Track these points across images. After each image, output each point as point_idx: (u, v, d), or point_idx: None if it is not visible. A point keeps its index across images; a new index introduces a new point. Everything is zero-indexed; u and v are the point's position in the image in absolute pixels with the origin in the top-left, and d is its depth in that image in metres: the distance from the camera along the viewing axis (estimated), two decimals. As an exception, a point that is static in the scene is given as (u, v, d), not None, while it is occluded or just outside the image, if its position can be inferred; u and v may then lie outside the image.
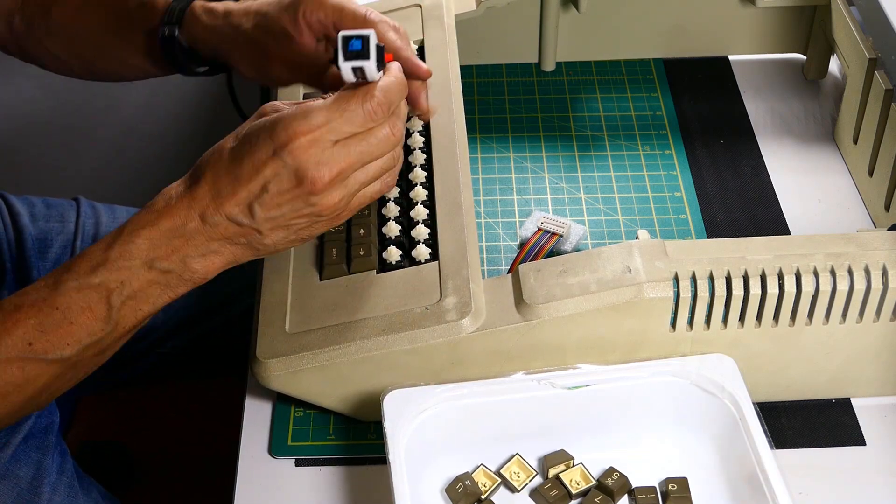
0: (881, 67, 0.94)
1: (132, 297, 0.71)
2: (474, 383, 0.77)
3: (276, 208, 0.71)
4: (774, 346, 0.79)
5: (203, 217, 0.71)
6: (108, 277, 0.71)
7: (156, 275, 0.71)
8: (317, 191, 0.70)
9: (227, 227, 0.71)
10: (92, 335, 0.71)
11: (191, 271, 0.72)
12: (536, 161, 1.04)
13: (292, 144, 0.69)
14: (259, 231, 0.71)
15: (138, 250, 0.71)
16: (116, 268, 0.71)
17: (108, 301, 0.71)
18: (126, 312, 0.72)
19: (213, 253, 0.72)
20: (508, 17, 1.10)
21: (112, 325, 0.72)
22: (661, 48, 1.14)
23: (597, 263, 0.77)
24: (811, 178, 1.02)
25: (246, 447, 0.82)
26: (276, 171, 0.69)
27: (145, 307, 0.72)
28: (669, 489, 0.76)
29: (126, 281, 0.71)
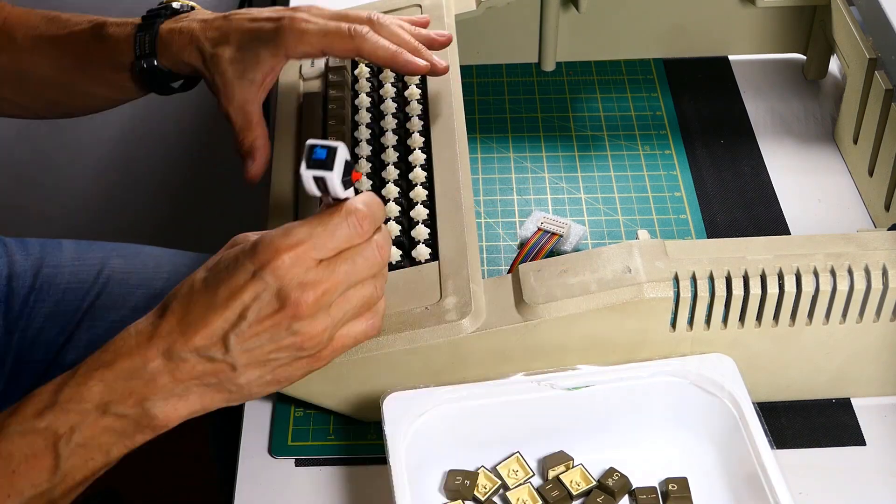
0: (881, 67, 0.94)
1: (83, 444, 0.64)
2: (474, 385, 0.77)
3: (254, 338, 0.64)
4: (774, 346, 0.79)
5: (168, 354, 0.64)
6: (55, 422, 0.64)
7: (110, 421, 0.64)
8: (301, 314, 0.64)
9: (195, 365, 0.64)
10: (36, 486, 0.64)
11: (150, 417, 0.65)
12: (536, 161, 1.04)
13: (275, 263, 0.63)
14: (233, 367, 0.65)
15: (90, 393, 0.64)
16: (65, 411, 0.64)
17: (56, 448, 0.64)
18: (76, 462, 0.64)
19: (177, 397, 0.65)
20: (508, 17, 1.10)
21: (60, 476, 0.64)
22: (661, 48, 1.14)
23: (597, 263, 0.77)
24: (811, 178, 1.02)
25: (246, 447, 0.82)
26: (257, 293, 0.64)
27: (98, 457, 0.65)
28: (669, 489, 0.76)
29: (76, 426, 0.64)
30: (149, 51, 0.87)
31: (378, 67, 0.96)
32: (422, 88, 0.93)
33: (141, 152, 1.84)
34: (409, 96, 0.93)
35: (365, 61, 0.95)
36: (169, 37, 0.87)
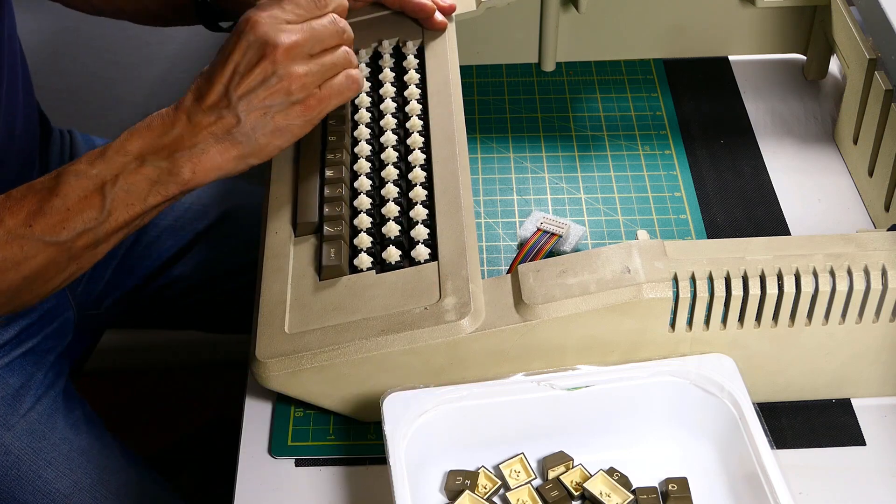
0: (881, 67, 0.94)
1: (125, 189, 0.77)
2: (473, 385, 0.77)
3: (248, 87, 0.77)
4: (774, 346, 0.79)
5: (189, 117, 0.78)
6: (103, 169, 0.77)
7: (148, 170, 0.77)
8: (279, 58, 0.77)
9: (208, 121, 0.77)
10: (86, 223, 0.77)
11: (179, 168, 0.77)
12: (536, 161, 1.04)
13: (252, 21, 0.78)
14: (237, 117, 0.77)
15: (132, 147, 0.77)
16: (111, 161, 0.77)
17: (103, 191, 0.77)
18: (118, 205, 0.77)
19: (201, 152, 0.78)
20: (508, 17, 1.10)
21: (105, 214, 0.77)
22: (661, 48, 1.14)
23: (596, 264, 0.77)
24: (811, 178, 1.02)
25: (246, 447, 0.82)
26: (243, 50, 0.77)
27: (137, 203, 0.78)
28: (669, 489, 0.76)
29: (120, 174, 0.77)
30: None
31: (378, 66, 0.96)
32: (422, 88, 0.93)
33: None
34: (408, 96, 0.93)
35: (379, 60, 0.96)
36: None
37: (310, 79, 0.79)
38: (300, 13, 0.79)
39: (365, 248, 0.82)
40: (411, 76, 0.94)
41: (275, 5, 0.79)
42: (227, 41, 0.79)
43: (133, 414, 1.68)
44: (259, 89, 0.78)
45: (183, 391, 1.73)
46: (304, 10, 0.80)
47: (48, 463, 1.03)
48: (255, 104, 0.78)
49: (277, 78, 0.77)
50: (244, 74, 0.77)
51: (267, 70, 0.77)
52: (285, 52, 0.77)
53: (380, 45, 0.98)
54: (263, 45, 0.77)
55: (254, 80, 0.77)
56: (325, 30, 0.80)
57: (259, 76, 0.77)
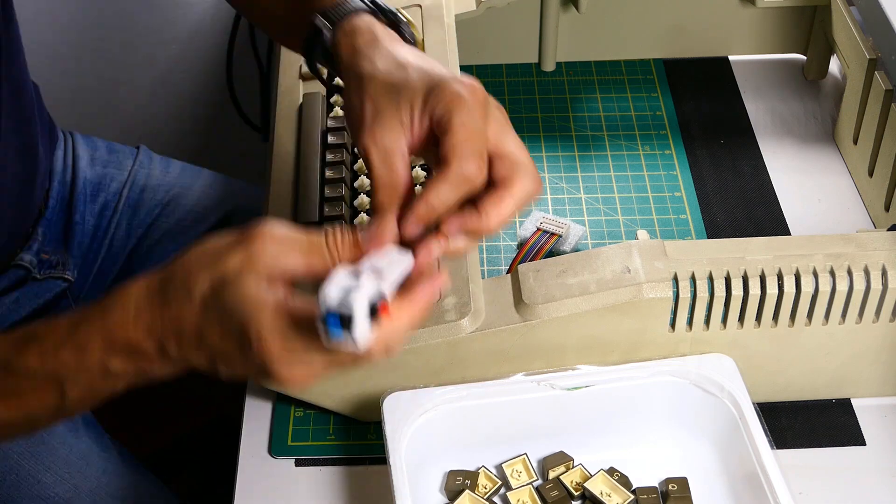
0: (881, 67, 0.94)
1: (87, 389, 0.66)
2: (473, 385, 0.77)
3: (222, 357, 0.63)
4: (774, 346, 0.79)
5: (162, 351, 0.64)
6: (61, 369, 0.65)
7: (111, 381, 0.66)
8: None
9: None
10: (46, 409, 0.67)
11: (147, 378, 0.66)
12: (536, 161, 1.03)
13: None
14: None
15: (93, 359, 0.65)
16: (68, 365, 0.65)
17: (62, 388, 0.66)
18: (80, 396, 0.67)
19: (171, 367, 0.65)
20: (508, 17, 1.10)
21: (67, 405, 0.67)
22: (661, 48, 1.14)
23: (596, 264, 0.77)
24: (811, 178, 1.02)
25: (246, 447, 0.82)
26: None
27: (103, 395, 0.67)
28: (669, 489, 0.76)
29: (76, 379, 0.66)
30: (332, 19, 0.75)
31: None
32: (422, 88, 0.93)
33: None
34: (408, 96, 0.92)
35: None
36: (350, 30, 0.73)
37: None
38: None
39: (365, 248, 0.82)
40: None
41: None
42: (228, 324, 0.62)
43: (132, 412, 1.67)
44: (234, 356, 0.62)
45: (183, 390, 1.73)
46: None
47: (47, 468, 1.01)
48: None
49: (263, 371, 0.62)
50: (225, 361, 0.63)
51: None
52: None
53: (380, 45, 0.97)
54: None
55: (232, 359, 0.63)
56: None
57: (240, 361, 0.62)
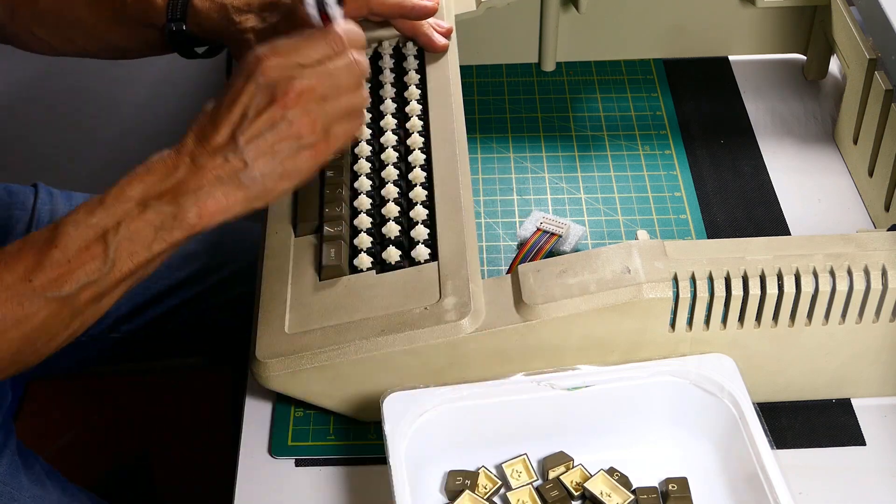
0: (881, 67, 0.94)
1: (128, 237, 0.73)
2: (473, 385, 0.77)
3: (257, 131, 0.73)
4: (774, 346, 0.79)
5: (192, 159, 0.74)
6: (104, 217, 0.73)
7: (151, 215, 0.73)
8: (290, 103, 0.73)
9: (213, 164, 0.73)
10: (89, 275, 0.72)
11: (183, 211, 0.73)
12: (536, 161, 1.04)
13: (263, 65, 0.73)
14: (245, 161, 0.73)
15: (133, 192, 0.73)
16: (112, 208, 0.73)
17: (105, 240, 0.72)
18: (122, 254, 0.73)
19: (206, 195, 0.73)
20: (508, 17, 1.10)
21: (109, 265, 0.73)
22: (661, 48, 1.14)
23: (596, 264, 0.77)
24: (811, 178, 1.02)
25: (246, 447, 0.82)
26: (252, 93, 0.73)
27: (141, 251, 0.73)
28: (669, 489, 0.76)
29: (122, 221, 0.72)
30: (180, 15, 0.94)
31: (378, 67, 0.96)
32: (422, 89, 0.93)
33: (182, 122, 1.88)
34: (408, 96, 0.93)
35: (379, 60, 0.96)
36: (200, 4, 0.94)
37: (320, 124, 0.75)
38: (314, 56, 0.75)
39: (365, 249, 0.82)
40: (411, 76, 0.94)
41: (287, 47, 0.75)
42: (235, 80, 0.75)
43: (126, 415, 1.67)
44: (268, 134, 0.74)
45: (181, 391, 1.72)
46: (319, 52, 0.75)
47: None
48: (263, 148, 0.74)
49: (287, 123, 0.74)
50: (253, 118, 0.73)
51: (276, 115, 0.74)
52: (296, 98, 0.74)
53: (380, 45, 0.98)
54: (274, 89, 0.74)
55: (263, 124, 0.73)
56: (340, 73, 0.76)
57: (268, 121, 0.74)
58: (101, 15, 0.97)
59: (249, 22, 0.91)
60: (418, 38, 0.96)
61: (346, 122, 0.76)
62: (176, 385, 1.68)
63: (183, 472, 1.56)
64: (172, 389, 1.68)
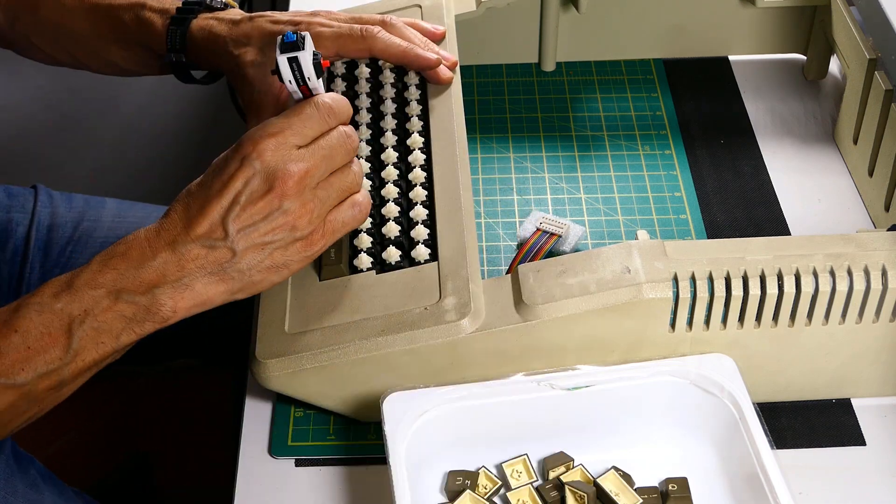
0: (881, 67, 0.94)
1: (94, 328, 0.68)
2: (474, 385, 0.77)
3: (249, 220, 0.69)
4: (774, 346, 0.79)
5: (173, 246, 0.69)
6: (71, 304, 0.68)
7: (122, 307, 0.69)
8: (288, 192, 0.69)
9: (198, 253, 0.69)
10: (49, 364, 0.68)
11: (158, 304, 0.69)
12: (536, 161, 1.04)
13: (260, 147, 0.69)
14: (233, 251, 0.69)
15: (104, 279, 0.69)
16: (80, 295, 0.68)
17: (69, 330, 0.68)
18: (87, 344, 0.68)
19: (185, 287, 0.69)
20: (508, 17, 1.10)
21: (71, 355, 0.68)
22: (661, 48, 1.14)
23: (596, 264, 0.77)
24: (811, 178, 1.02)
25: (246, 447, 0.82)
26: (247, 178, 0.69)
27: (108, 341, 0.69)
28: (669, 489, 0.76)
29: (89, 310, 0.68)
30: (179, 46, 0.93)
31: (378, 67, 0.96)
32: (421, 89, 0.93)
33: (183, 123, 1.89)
34: (408, 96, 0.93)
35: (379, 60, 0.96)
36: (199, 35, 0.92)
37: (317, 213, 0.71)
38: (309, 134, 0.71)
39: (365, 249, 0.82)
40: (411, 77, 0.94)
41: (282, 126, 0.71)
42: (227, 162, 0.70)
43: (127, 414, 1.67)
44: (261, 224, 0.69)
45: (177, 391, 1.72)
46: (314, 128, 0.72)
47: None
48: (255, 239, 0.70)
49: (282, 213, 0.70)
50: (245, 205, 0.69)
51: (273, 204, 0.69)
52: (295, 187, 0.70)
53: (380, 45, 0.98)
54: (272, 176, 0.69)
55: (257, 213, 0.69)
56: (336, 149, 0.72)
57: (263, 209, 0.69)
58: (100, 32, 0.96)
59: (248, 55, 0.89)
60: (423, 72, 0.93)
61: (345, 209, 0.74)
62: (175, 385, 1.68)
63: (180, 473, 1.57)
64: (169, 390, 1.68)
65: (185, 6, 0.95)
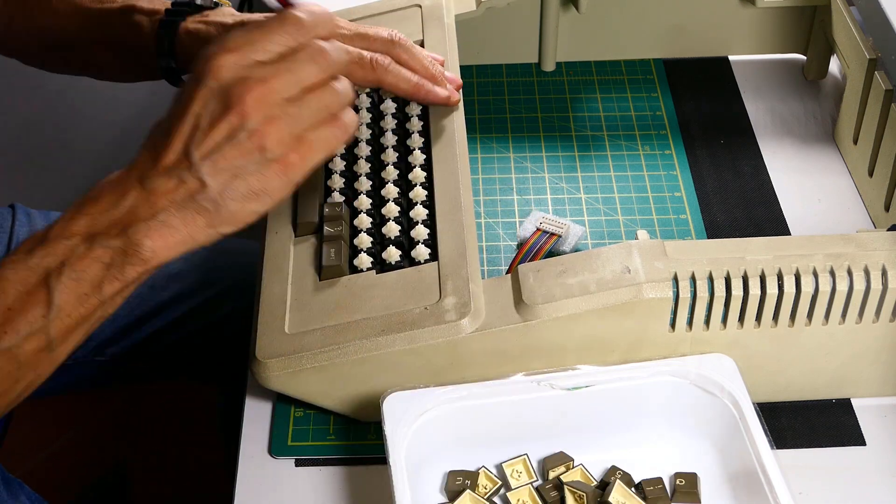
0: (881, 67, 0.94)
1: (74, 279, 0.64)
2: (474, 385, 0.77)
3: (212, 144, 0.64)
4: (774, 346, 0.79)
5: (142, 182, 0.65)
6: (46, 257, 0.64)
7: (98, 252, 0.64)
8: (247, 110, 0.64)
9: (167, 186, 0.65)
10: (32, 323, 0.64)
11: (135, 246, 0.65)
12: (536, 161, 1.04)
13: (215, 64, 0.64)
14: (202, 181, 0.64)
15: (77, 226, 0.65)
16: (54, 246, 0.64)
17: (47, 283, 0.64)
18: (68, 297, 0.64)
19: (160, 223, 0.65)
20: (508, 17, 1.10)
21: (55, 312, 0.64)
22: (661, 48, 1.14)
23: (596, 264, 0.77)
24: (811, 178, 1.02)
25: (246, 447, 0.82)
26: (204, 101, 0.64)
27: (91, 293, 0.65)
28: (678, 484, 0.75)
29: (66, 260, 0.64)
30: (168, 51, 0.90)
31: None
32: (422, 88, 0.93)
33: None
34: (408, 96, 0.93)
35: None
36: (187, 39, 0.89)
37: (286, 131, 0.65)
38: (272, 48, 0.66)
39: (365, 248, 0.82)
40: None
41: (242, 41, 0.65)
42: (185, 87, 0.66)
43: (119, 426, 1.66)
44: (226, 147, 0.64)
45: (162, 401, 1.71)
46: (279, 43, 0.66)
47: None
48: (222, 165, 0.64)
49: (247, 133, 0.64)
50: (206, 130, 0.64)
51: (233, 124, 0.64)
52: (255, 102, 0.64)
53: (380, 45, 0.98)
54: (227, 93, 0.64)
55: (218, 135, 0.64)
56: (306, 66, 0.66)
57: (224, 131, 0.64)
58: (93, 38, 0.94)
59: None
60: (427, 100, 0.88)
61: (324, 127, 0.67)
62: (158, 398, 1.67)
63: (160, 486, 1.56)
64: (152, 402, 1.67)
65: (175, 6, 0.92)
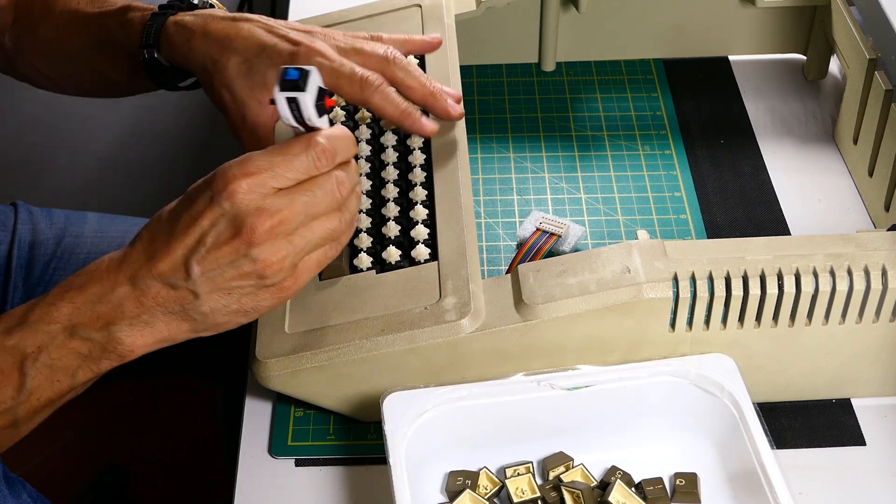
0: (881, 67, 0.94)
1: (49, 365, 0.65)
2: (474, 385, 0.77)
3: (214, 264, 0.64)
4: (774, 346, 0.79)
5: (133, 281, 0.65)
6: (24, 341, 0.64)
7: (77, 343, 0.65)
8: (256, 240, 0.64)
9: (158, 291, 0.65)
10: (2, 403, 0.64)
11: (115, 342, 0.65)
12: (536, 161, 1.04)
13: (231, 188, 0.64)
14: (195, 294, 0.65)
15: (59, 314, 0.65)
16: (34, 331, 0.64)
17: (22, 368, 0.64)
18: (41, 382, 0.65)
19: (143, 323, 0.65)
20: (508, 17, 1.10)
21: (25, 395, 0.65)
22: (661, 48, 1.14)
23: (596, 264, 0.77)
24: (811, 178, 1.02)
25: (246, 447, 0.82)
26: (214, 219, 0.64)
27: (63, 379, 0.65)
28: (677, 484, 0.76)
29: (43, 346, 0.64)
30: (152, 41, 0.87)
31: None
32: (422, 88, 0.93)
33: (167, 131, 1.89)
34: (408, 96, 0.92)
35: None
36: (174, 28, 0.86)
37: (290, 261, 0.66)
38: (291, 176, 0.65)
39: (365, 248, 0.82)
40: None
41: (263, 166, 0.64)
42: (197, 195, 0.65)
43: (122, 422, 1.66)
44: (227, 269, 0.64)
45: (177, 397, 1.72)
46: (300, 171, 0.65)
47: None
48: (219, 284, 0.65)
49: (250, 261, 0.64)
50: (211, 248, 0.64)
51: (239, 250, 0.64)
52: (265, 235, 0.64)
53: (380, 45, 0.98)
54: (240, 223, 0.63)
55: (222, 257, 0.64)
56: (321, 201, 0.66)
57: (228, 255, 0.64)
58: (92, 46, 0.92)
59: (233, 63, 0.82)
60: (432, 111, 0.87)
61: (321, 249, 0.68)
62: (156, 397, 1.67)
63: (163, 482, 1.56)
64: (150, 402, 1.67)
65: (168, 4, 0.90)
